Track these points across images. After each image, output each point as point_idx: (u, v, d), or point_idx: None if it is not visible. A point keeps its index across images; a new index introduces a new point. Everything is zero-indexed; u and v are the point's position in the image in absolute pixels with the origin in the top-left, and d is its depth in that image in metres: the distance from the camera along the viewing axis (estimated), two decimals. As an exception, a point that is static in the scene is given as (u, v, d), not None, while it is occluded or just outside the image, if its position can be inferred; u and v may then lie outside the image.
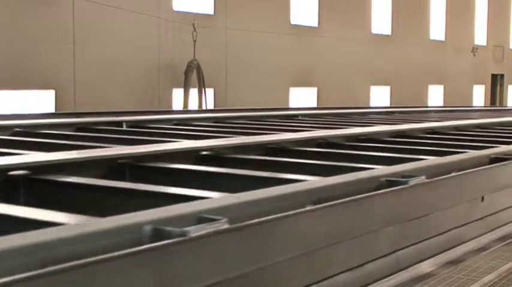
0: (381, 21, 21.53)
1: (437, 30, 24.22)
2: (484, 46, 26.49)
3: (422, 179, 2.75)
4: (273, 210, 2.10)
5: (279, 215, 2.03)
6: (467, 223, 3.14)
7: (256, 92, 16.49)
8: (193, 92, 14.86)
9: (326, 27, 19.11)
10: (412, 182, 2.67)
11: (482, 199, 3.40)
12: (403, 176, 2.76)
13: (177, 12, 15.02)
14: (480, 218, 3.30)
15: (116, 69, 13.70)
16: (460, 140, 5.16)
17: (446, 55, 24.22)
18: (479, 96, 26.62)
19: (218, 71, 15.86)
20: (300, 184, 2.41)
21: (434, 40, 24.05)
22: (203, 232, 1.74)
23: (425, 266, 2.77)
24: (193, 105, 14.70)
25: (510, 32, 28.69)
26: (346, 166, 3.35)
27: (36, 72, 12.42)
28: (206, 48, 15.02)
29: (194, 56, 14.68)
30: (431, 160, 3.22)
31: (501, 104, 26.87)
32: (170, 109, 9.24)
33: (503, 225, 3.37)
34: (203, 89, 14.89)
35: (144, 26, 14.09)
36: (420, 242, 2.81)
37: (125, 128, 5.88)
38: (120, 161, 3.37)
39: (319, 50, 18.83)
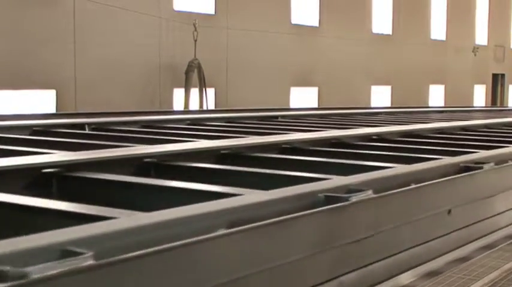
0: (382, 20, 21.44)
1: (438, 29, 24.07)
2: (485, 46, 26.31)
3: (369, 194, 2.40)
4: (170, 237, 1.75)
5: (175, 244, 1.68)
6: (425, 242, 2.80)
7: (257, 92, 16.38)
8: (194, 92, 14.74)
9: (327, 27, 19.03)
10: (355, 198, 2.32)
11: (449, 211, 3.07)
12: (348, 191, 2.41)
13: (178, 12, 14.92)
14: (443, 235, 2.95)
15: (117, 69, 13.58)
16: (438, 144, 4.80)
17: (447, 55, 24.06)
18: (480, 96, 26.40)
19: (219, 71, 15.78)
20: (214, 202, 2.05)
21: (435, 40, 23.90)
22: (51, 272, 1.38)
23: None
24: (194, 105, 14.57)
25: (511, 32, 28.43)
26: (298, 176, 3.03)
27: (37, 72, 12.26)
28: (207, 48, 14.90)
29: (195, 56, 14.54)
30: (384, 171, 2.85)
31: (502, 104, 26.61)
32: (146, 110, 8.91)
33: (466, 243, 3.03)
34: (204, 89, 14.78)
35: (144, 25, 13.98)
36: (366, 266, 2.47)
37: (87, 131, 5.54)
38: (46, 170, 3.03)
39: (320, 50, 18.75)
